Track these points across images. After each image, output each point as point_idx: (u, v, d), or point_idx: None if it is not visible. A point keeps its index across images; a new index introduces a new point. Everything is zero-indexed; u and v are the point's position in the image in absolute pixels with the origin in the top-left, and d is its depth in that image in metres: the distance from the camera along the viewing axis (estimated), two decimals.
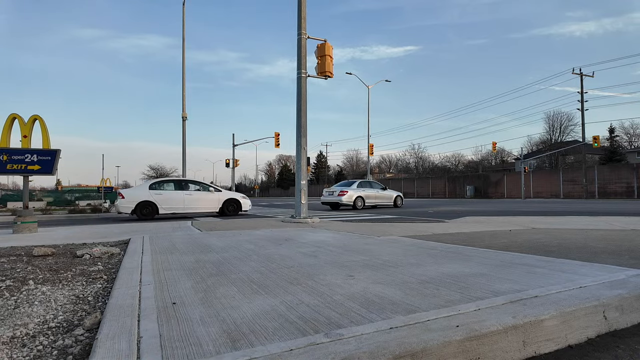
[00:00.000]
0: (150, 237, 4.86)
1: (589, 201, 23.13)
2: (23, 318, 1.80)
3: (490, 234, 4.98)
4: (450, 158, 58.38)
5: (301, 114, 8.22)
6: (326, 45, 8.63)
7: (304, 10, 8.37)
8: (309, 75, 8.55)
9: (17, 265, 3.19)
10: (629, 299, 1.81)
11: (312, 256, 3.22)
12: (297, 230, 5.87)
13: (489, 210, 12.82)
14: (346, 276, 2.38)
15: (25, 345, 1.48)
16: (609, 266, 2.57)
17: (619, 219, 7.31)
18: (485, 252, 3.34)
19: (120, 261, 3.30)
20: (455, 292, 1.92)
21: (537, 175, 35.99)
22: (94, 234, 5.83)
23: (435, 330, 1.39)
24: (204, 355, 1.23)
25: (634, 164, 30.14)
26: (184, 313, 1.68)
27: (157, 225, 7.70)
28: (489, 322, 1.46)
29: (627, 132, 50.56)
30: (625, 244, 3.80)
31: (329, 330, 1.42)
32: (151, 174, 72.36)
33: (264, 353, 1.22)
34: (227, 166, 34.22)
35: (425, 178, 46.06)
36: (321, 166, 75.82)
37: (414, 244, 3.91)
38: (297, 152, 8.33)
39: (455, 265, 2.68)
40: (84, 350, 1.43)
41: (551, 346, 1.53)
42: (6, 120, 6.45)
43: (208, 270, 2.66)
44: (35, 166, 6.39)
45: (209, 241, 4.41)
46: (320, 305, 1.75)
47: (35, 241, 4.81)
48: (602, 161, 36.97)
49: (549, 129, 52.44)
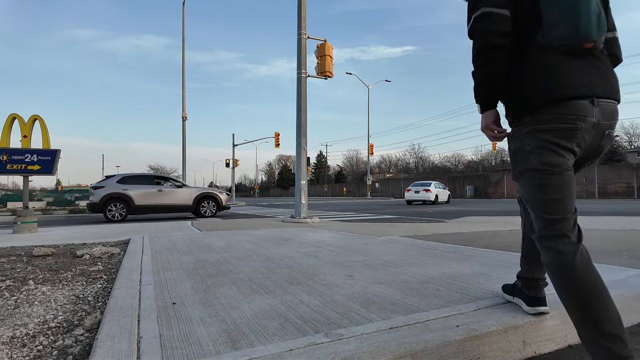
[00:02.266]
0: (150, 237, 4.86)
1: (589, 201, 23.13)
2: (23, 318, 1.80)
3: (491, 234, 4.98)
4: (450, 158, 58.40)
5: (301, 113, 8.22)
6: (326, 45, 8.63)
7: (304, 10, 8.37)
8: (309, 75, 8.55)
9: (17, 265, 3.19)
10: (629, 299, 1.81)
11: (312, 256, 3.22)
12: (297, 230, 5.87)
13: (489, 210, 12.82)
14: (346, 276, 2.38)
15: (25, 345, 1.48)
16: (609, 266, 2.57)
17: (619, 219, 7.31)
18: (486, 252, 3.34)
19: (120, 261, 3.30)
20: (455, 292, 1.92)
21: None
22: (94, 234, 5.83)
23: (435, 330, 1.39)
24: (204, 355, 1.23)
25: (634, 164, 30.16)
26: (184, 313, 1.68)
27: (157, 225, 7.70)
28: (489, 322, 1.46)
29: (627, 132, 50.55)
30: (625, 244, 3.80)
31: (329, 330, 1.42)
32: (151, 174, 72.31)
33: (264, 353, 1.22)
34: (227, 166, 34.20)
35: (425, 178, 46.10)
36: (321, 166, 75.82)
37: (414, 244, 3.91)
38: (297, 152, 8.33)
39: (456, 265, 2.68)
40: (84, 350, 1.43)
41: (551, 346, 1.53)
42: (6, 120, 6.45)
43: (208, 270, 2.66)
44: (35, 166, 6.39)
45: (209, 241, 4.41)
46: (320, 305, 1.75)
47: (35, 241, 4.81)
48: (602, 161, 36.98)
49: None
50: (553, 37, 1.27)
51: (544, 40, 1.29)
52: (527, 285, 1.62)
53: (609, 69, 1.33)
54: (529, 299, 1.59)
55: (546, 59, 1.30)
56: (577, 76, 1.26)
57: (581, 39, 1.24)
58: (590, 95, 1.25)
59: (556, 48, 1.28)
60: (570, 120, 1.25)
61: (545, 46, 1.30)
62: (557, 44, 1.27)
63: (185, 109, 18.48)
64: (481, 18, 1.34)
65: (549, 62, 1.29)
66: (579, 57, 1.28)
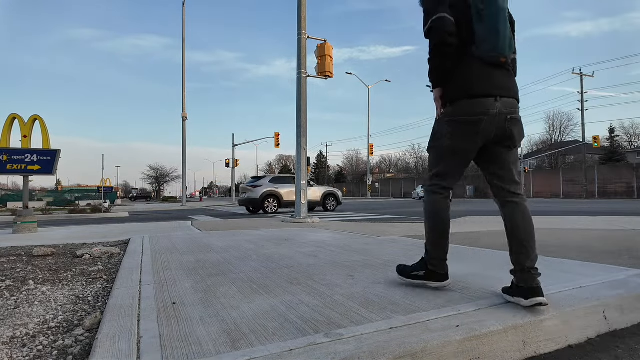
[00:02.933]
0: (150, 237, 4.86)
1: (589, 201, 23.12)
2: (23, 318, 1.80)
3: (491, 233, 4.98)
4: None
5: (301, 114, 8.22)
6: (326, 45, 8.63)
7: (304, 11, 8.36)
8: (309, 75, 8.55)
9: (17, 265, 3.19)
10: (629, 299, 1.81)
11: (312, 256, 3.22)
12: (297, 230, 5.87)
13: (489, 210, 12.82)
14: (346, 276, 2.38)
15: (25, 345, 1.48)
16: (609, 266, 2.57)
17: (619, 219, 7.30)
18: (486, 252, 3.34)
19: (120, 261, 3.30)
20: (455, 292, 1.92)
21: (537, 175, 36.00)
22: (94, 234, 5.83)
23: (436, 330, 1.39)
24: (204, 355, 1.23)
25: (634, 164, 30.14)
26: (184, 313, 1.68)
27: (157, 225, 7.70)
28: (489, 322, 1.46)
29: (627, 132, 50.55)
30: (625, 244, 3.80)
31: (329, 330, 1.42)
32: (151, 174, 72.31)
33: (264, 353, 1.22)
34: (227, 166, 34.18)
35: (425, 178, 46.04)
36: (321, 166, 75.80)
37: (415, 244, 3.91)
38: (297, 152, 8.33)
39: (456, 265, 2.67)
40: (84, 350, 1.43)
41: (551, 346, 1.53)
42: (6, 120, 6.44)
43: (208, 270, 2.66)
44: (35, 166, 6.39)
45: (209, 241, 4.41)
46: (320, 305, 1.75)
47: (35, 241, 4.81)
48: (602, 161, 36.96)
49: (549, 129, 52.47)
50: (481, 50, 1.74)
51: (477, 52, 1.75)
52: (520, 279, 1.70)
53: (512, 78, 1.84)
54: (524, 292, 1.64)
55: (474, 66, 1.77)
56: (490, 81, 1.75)
57: (499, 54, 1.73)
58: (495, 95, 1.74)
59: (482, 59, 1.75)
60: (477, 113, 1.74)
61: (476, 56, 1.76)
62: (484, 56, 1.75)
63: (185, 109, 18.46)
64: (437, 20, 1.77)
65: (475, 68, 1.77)
66: (495, 67, 1.77)
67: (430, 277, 1.96)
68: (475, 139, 1.78)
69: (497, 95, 1.74)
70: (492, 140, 1.80)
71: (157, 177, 72.44)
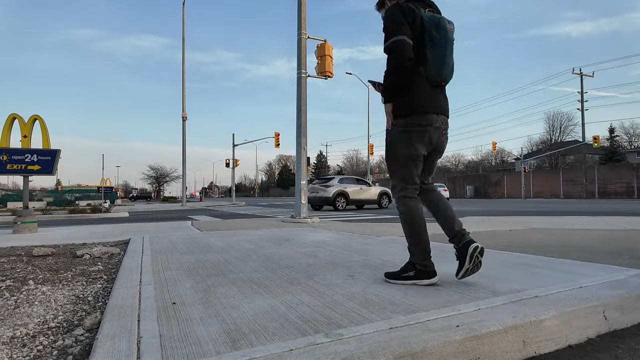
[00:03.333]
0: (150, 237, 4.86)
1: (589, 201, 23.13)
2: (23, 318, 1.80)
3: (490, 233, 4.98)
4: (450, 158, 58.42)
5: (301, 113, 8.22)
6: (326, 45, 8.63)
7: (304, 10, 8.36)
8: (309, 75, 8.55)
9: (17, 265, 3.19)
10: (629, 299, 1.81)
11: (312, 256, 3.22)
12: (297, 230, 5.87)
13: (489, 210, 12.82)
14: (346, 276, 2.38)
15: (25, 345, 1.48)
16: (609, 266, 2.57)
17: (619, 219, 7.31)
18: (485, 252, 3.33)
19: (120, 261, 3.30)
20: (455, 292, 1.92)
21: (537, 175, 35.98)
22: (94, 234, 5.83)
23: (436, 330, 1.39)
24: (204, 355, 1.23)
25: (634, 164, 30.16)
26: (184, 313, 1.68)
27: (157, 225, 7.70)
28: (489, 322, 1.46)
29: (627, 132, 50.57)
30: (625, 244, 3.80)
31: (329, 330, 1.42)
32: (151, 174, 72.36)
33: (264, 353, 1.22)
34: (227, 166, 34.18)
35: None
36: (321, 166, 75.81)
37: None
38: (297, 152, 8.33)
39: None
40: (84, 350, 1.43)
41: (551, 346, 1.53)
42: (6, 120, 6.44)
43: (208, 270, 2.66)
44: (35, 166, 6.39)
45: (209, 241, 4.41)
46: (320, 305, 1.75)
47: (35, 241, 4.81)
48: (602, 161, 36.97)
49: (549, 129, 52.47)
50: (428, 73, 2.05)
51: (424, 74, 2.05)
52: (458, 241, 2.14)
53: (446, 99, 2.20)
54: (466, 246, 2.08)
55: (422, 86, 2.07)
56: (434, 99, 2.10)
57: (442, 79, 2.10)
58: (437, 111, 2.09)
59: (429, 80, 2.07)
60: (424, 125, 2.06)
61: (423, 77, 2.06)
62: (430, 79, 2.07)
63: (185, 109, 18.46)
64: (399, 42, 1.98)
65: (422, 88, 2.07)
66: (437, 88, 2.12)
67: (420, 276, 2.09)
68: (424, 146, 2.11)
69: (438, 112, 2.10)
70: (429, 149, 2.16)
71: (157, 177, 72.46)
